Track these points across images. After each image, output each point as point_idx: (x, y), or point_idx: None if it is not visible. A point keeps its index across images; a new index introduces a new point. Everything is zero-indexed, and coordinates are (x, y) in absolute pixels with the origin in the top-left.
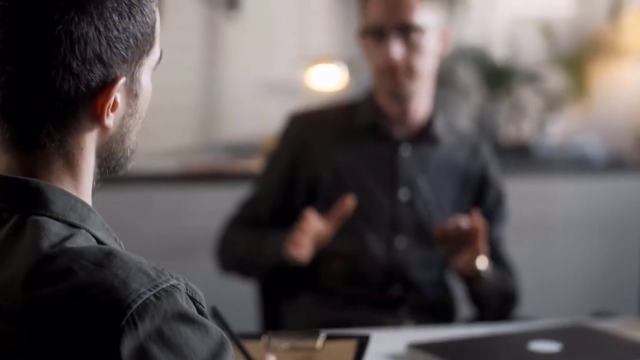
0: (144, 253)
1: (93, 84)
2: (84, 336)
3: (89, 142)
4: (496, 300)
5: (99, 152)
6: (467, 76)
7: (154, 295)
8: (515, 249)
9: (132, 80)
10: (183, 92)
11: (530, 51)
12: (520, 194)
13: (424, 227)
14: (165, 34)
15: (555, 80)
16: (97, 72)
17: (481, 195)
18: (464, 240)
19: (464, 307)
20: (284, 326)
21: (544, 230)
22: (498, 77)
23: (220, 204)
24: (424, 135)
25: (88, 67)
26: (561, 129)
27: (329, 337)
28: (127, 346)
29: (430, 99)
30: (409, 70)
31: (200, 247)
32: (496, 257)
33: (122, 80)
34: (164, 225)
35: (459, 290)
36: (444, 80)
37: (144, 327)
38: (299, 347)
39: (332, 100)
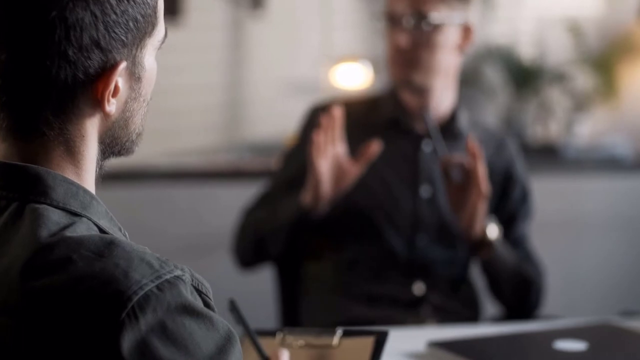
0: (166, 250)
1: (91, 70)
2: (83, 329)
3: (91, 129)
4: (511, 281)
5: (101, 138)
6: (494, 76)
7: (157, 286)
8: (543, 248)
9: (134, 64)
10: (208, 92)
11: (558, 50)
12: (548, 193)
13: (445, 224)
14: (190, 34)
15: (583, 79)
16: (95, 59)
17: (506, 191)
18: (467, 188)
19: (488, 306)
20: (304, 324)
21: (571, 230)
22: (525, 77)
23: (243, 202)
24: (447, 130)
25: (85, 54)
26: (589, 129)
27: (346, 334)
28: (128, 340)
29: (453, 95)
30: (417, 61)
31: (221, 244)
32: (523, 254)
33: (123, 65)
34: (186, 223)
35: (483, 289)
36: (471, 80)
37: (146, 320)
38: (314, 344)
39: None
